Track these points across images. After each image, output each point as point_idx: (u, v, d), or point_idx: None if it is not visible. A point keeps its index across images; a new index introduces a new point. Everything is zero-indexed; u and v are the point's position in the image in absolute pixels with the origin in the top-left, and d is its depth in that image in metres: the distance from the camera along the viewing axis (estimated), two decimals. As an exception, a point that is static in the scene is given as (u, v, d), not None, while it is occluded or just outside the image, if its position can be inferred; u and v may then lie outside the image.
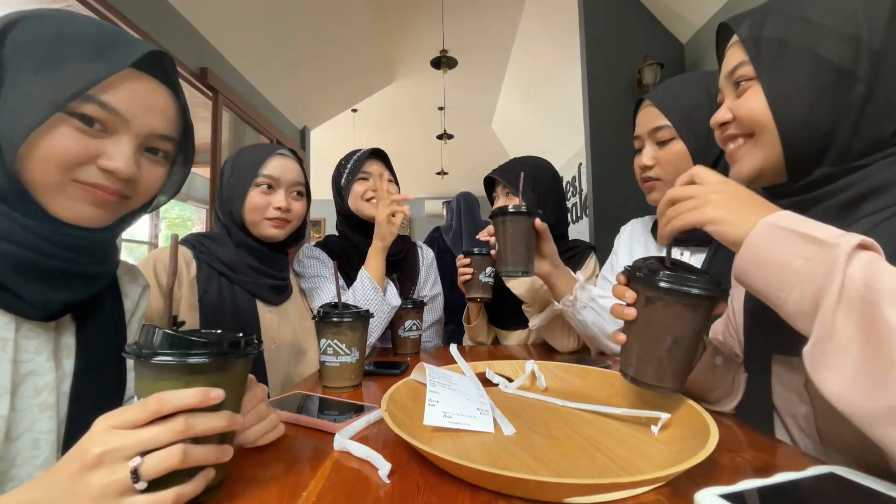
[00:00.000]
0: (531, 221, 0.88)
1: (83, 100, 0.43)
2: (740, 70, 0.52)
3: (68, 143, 0.44)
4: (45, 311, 0.46)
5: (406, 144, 6.24)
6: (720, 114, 0.56)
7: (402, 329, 1.04)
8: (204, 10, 2.54)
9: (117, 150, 0.46)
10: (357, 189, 1.15)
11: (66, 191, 0.46)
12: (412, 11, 3.72)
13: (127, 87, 0.46)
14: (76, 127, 0.44)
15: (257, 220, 0.92)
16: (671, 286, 0.47)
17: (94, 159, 0.46)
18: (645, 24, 2.63)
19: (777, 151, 0.50)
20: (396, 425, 0.45)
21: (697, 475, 0.38)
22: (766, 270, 0.40)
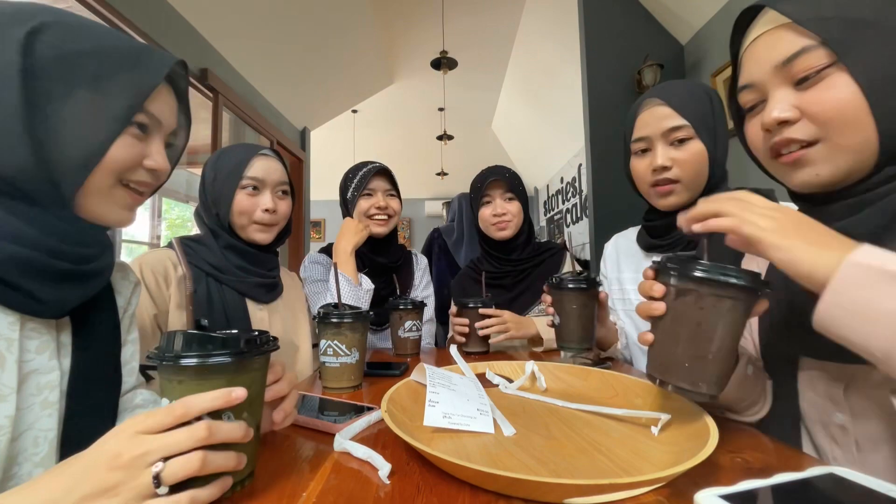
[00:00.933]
0: (596, 294, 0.83)
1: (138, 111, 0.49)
2: (808, 58, 0.43)
3: (129, 150, 0.49)
4: (61, 310, 0.48)
5: (406, 145, 6.25)
6: (777, 111, 0.45)
7: (402, 330, 1.05)
8: (204, 12, 2.54)
9: (156, 150, 0.53)
10: (362, 204, 1.23)
11: (113, 195, 0.50)
12: (412, 12, 3.72)
13: (159, 96, 0.52)
14: (134, 135, 0.50)
15: (245, 224, 0.91)
16: (707, 276, 0.42)
17: (141, 161, 0.52)
18: (645, 24, 2.63)
19: (868, 149, 0.43)
20: (396, 426, 0.45)
21: (697, 476, 0.38)
22: (863, 319, 0.34)
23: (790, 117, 0.45)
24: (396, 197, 1.27)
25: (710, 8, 2.28)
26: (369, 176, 1.21)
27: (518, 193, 1.24)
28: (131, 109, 0.48)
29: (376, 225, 1.22)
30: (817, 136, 0.45)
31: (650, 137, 0.82)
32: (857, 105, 0.41)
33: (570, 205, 5.02)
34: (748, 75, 0.49)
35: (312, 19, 3.24)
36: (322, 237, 7.30)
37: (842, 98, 0.42)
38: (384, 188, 1.24)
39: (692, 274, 0.43)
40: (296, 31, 3.24)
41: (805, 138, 0.45)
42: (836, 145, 0.44)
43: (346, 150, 6.05)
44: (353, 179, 1.24)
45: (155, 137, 0.53)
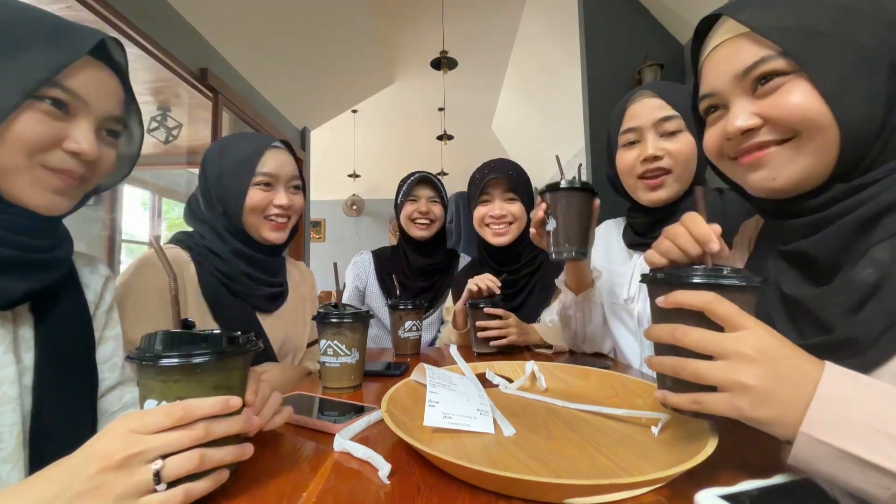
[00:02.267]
0: (590, 200, 0.79)
1: (50, 85, 0.45)
2: (766, 66, 0.44)
3: (37, 126, 0.45)
4: (5, 299, 0.47)
5: (406, 145, 6.24)
6: (739, 120, 0.46)
7: (402, 330, 1.05)
8: (204, 11, 2.54)
9: (81, 133, 0.49)
10: (407, 209, 1.33)
11: (32, 175, 0.47)
12: (412, 12, 3.72)
13: (84, 72, 0.48)
14: (45, 111, 0.46)
15: (257, 223, 0.87)
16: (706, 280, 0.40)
17: (59, 143, 0.48)
18: (645, 24, 2.63)
19: (827, 155, 0.43)
20: (396, 426, 0.45)
21: (697, 475, 0.38)
22: (833, 477, 0.33)
23: (753, 125, 0.46)
24: (440, 203, 1.36)
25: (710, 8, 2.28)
26: (413, 183, 1.33)
27: (522, 193, 1.14)
28: (37, 82, 0.44)
29: (417, 228, 1.32)
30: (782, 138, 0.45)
31: (640, 128, 0.81)
32: (820, 110, 0.42)
33: (570, 205, 5.02)
34: (709, 84, 0.49)
35: (312, 19, 3.24)
36: (322, 237, 7.30)
37: (802, 103, 0.42)
38: (427, 195, 1.34)
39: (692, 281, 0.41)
40: (296, 30, 3.24)
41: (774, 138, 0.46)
42: (801, 145, 0.44)
43: (346, 150, 6.04)
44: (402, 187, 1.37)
45: (80, 119, 0.49)
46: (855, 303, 0.41)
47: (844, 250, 0.43)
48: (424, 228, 1.32)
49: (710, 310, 0.38)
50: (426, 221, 1.32)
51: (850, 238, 0.43)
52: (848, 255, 0.43)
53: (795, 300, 0.47)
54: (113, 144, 0.55)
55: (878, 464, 0.30)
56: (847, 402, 0.33)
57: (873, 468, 0.30)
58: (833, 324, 0.43)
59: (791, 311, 0.48)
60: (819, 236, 0.45)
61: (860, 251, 0.42)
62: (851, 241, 0.43)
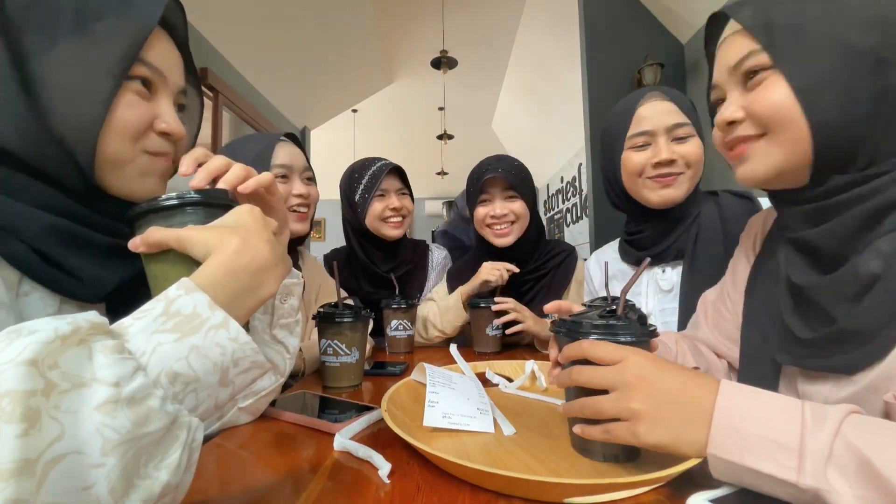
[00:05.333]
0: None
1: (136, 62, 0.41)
2: (751, 60, 0.46)
3: (136, 110, 0.42)
4: (100, 290, 0.42)
5: (406, 144, 6.24)
6: (728, 111, 0.49)
7: (389, 328, 1.06)
8: (204, 11, 2.54)
9: (166, 111, 0.45)
10: (376, 207, 1.13)
11: (138, 164, 0.43)
12: (412, 11, 3.72)
13: (157, 43, 0.44)
14: (136, 91, 0.42)
15: None
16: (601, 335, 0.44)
17: (151, 125, 0.44)
18: (645, 24, 2.63)
19: (801, 151, 0.44)
20: (396, 425, 0.45)
21: (697, 475, 0.38)
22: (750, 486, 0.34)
23: (737, 117, 0.48)
24: (408, 195, 1.19)
25: (711, 7, 2.28)
26: (381, 175, 1.11)
27: (523, 190, 1.08)
28: (127, 60, 0.40)
29: (391, 228, 1.14)
30: (759, 132, 0.47)
31: (653, 132, 0.80)
32: (791, 107, 0.43)
33: (570, 204, 5.02)
34: (714, 76, 0.53)
35: (312, 19, 3.24)
36: (322, 237, 7.30)
37: (776, 99, 0.44)
38: (396, 187, 1.15)
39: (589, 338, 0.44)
40: (296, 30, 3.24)
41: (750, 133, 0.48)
42: (772, 142, 0.46)
43: (347, 149, 6.04)
44: (360, 179, 1.14)
45: (162, 96, 0.45)
46: (857, 293, 0.42)
47: (849, 242, 0.44)
48: (398, 226, 1.15)
49: (586, 355, 0.42)
50: (399, 218, 1.15)
51: (856, 230, 0.43)
52: (852, 247, 0.43)
53: (801, 290, 0.47)
54: (184, 118, 0.50)
55: (771, 474, 0.31)
56: (742, 416, 0.34)
57: (771, 478, 0.32)
58: (836, 315, 0.43)
59: (798, 301, 0.49)
60: (825, 227, 0.45)
61: (864, 244, 0.42)
62: (857, 233, 0.43)
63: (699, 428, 0.36)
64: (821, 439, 0.31)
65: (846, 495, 0.29)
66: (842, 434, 0.31)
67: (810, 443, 0.31)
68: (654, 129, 0.80)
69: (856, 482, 0.29)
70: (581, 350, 0.43)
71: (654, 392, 0.38)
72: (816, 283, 0.46)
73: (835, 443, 0.30)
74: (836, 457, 0.30)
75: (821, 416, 0.32)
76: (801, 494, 0.31)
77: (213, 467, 0.44)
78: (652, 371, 0.39)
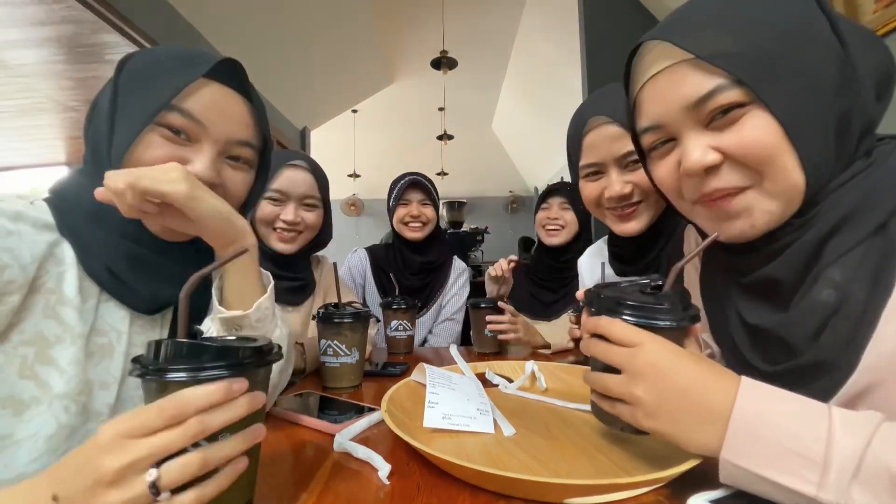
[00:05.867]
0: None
1: (168, 110, 0.47)
2: (721, 97, 0.39)
3: (157, 150, 0.47)
4: (152, 304, 0.50)
5: (406, 145, 6.24)
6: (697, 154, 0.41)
7: (389, 329, 1.08)
8: (204, 11, 2.54)
9: (199, 157, 0.50)
10: (399, 212, 1.36)
11: None
12: (412, 12, 3.72)
13: (203, 94, 0.49)
14: (164, 136, 0.48)
15: (266, 233, 0.92)
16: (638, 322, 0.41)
17: None
18: (645, 24, 2.63)
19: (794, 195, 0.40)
20: (396, 426, 0.45)
21: (697, 475, 0.38)
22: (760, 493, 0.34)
23: (714, 161, 0.41)
24: (431, 205, 1.37)
25: (710, 8, 2.28)
26: (404, 187, 1.35)
27: (575, 204, 1.32)
28: (157, 108, 0.46)
29: (410, 231, 1.35)
30: (747, 183, 0.41)
31: (602, 163, 0.73)
32: (781, 146, 0.39)
33: (570, 204, 5.02)
34: (653, 115, 0.45)
35: (312, 19, 3.24)
36: (322, 237, 7.29)
37: (764, 139, 0.39)
38: (419, 198, 1.36)
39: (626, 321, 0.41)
40: (296, 30, 3.24)
41: (735, 185, 0.42)
42: (765, 191, 0.41)
43: (347, 150, 6.04)
44: (394, 189, 1.39)
45: (203, 143, 0.50)
46: (818, 325, 0.41)
47: (801, 274, 0.42)
48: (417, 230, 1.36)
49: (605, 333, 0.41)
50: (418, 224, 1.36)
51: (805, 261, 0.42)
52: (803, 279, 0.42)
53: (759, 329, 0.46)
54: (240, 168, 0.54)
55: (791, 487, 0.31)
56: (763, 423, 0.33)
57: (789, 490, 0.31)
58: (798, 349, 0.42)
59: (755, 338, 0.48)
60: (775, 264, 0.44)
61: (815, 274, 0.41)
62: (806, 264, 0.42)
63: (708, 428, 0.35)
64: (848, 452, 0.30)
65: None
66: (872, 448, 0.29)
67: (837, 456, 0.30)
68: (602, 160, 0.72)
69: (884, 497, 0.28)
70: (598, 327, 0.42)
71: (663, 383, 0.37)
72: (775, 322, 0.44)
73: (865, 456, 0.29)
74: (865, 471, 0.29)
75: (850, 426, 0.31)
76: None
77: (213, 468, 0.44)
78: (667, 362, 0.38)
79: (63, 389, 0.43)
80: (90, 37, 2.19)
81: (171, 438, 0.29)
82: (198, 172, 0.48)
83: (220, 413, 0.31)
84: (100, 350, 0.47)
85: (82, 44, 2.26)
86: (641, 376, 0.38)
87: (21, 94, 2.83)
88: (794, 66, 0.39)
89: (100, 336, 0.47)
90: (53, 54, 2.37)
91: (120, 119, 0.47)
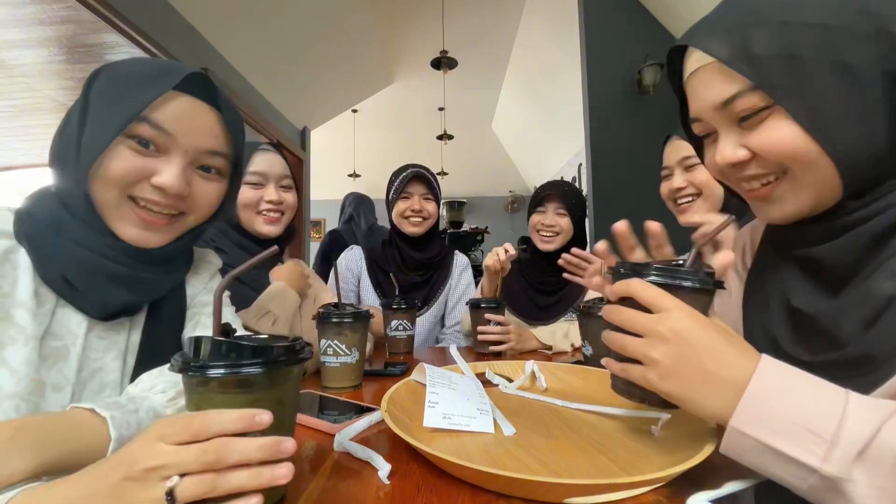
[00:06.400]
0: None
1: (138, 121, 0.48)
2: (745, 101, 0.41)
3: (125, 161, 0.48)
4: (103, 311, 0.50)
5: (406, 145, 6.24)
6: (728, 152, 0.44)
7: (388, 329, 1.07)
8: (204, 11, 2.54)
9: (166, 167, 0.50)
10: (400, 206, 1.30)
11: (119, 209, 0.50)
12: (412, 12, 3.72)
13: (173, 106, 0.50)
14: (132, 147, 0.49)
15: (250, 218, 0.92)
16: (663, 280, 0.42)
17: (147, 177, 0.50)
18: (645, 24, 2.63)
19: (830, 185, 0.41)
20: (396, 426, 0.45)
21: (697, 475, 0.38)
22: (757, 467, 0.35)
23: (742, 158, 0.44)
24: (433, 200, 1.33)
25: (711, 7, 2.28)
26: (406, 180, 1.29)
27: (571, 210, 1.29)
28: (125, 120, 0.47)
29: (410, 226, 1.31)
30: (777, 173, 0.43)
31: (670, 167, 0.97)
32: (805, 145, 0.40)
33: (570, 204, 5.02)
34: (694, 110, 0.48)
35: (312, 19, 3.24)
36: (322, 236, 7.30)
37: (786, 140, 0.40)
38: (421, 192, 1.31)
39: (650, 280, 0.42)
40: (296, 30, 3.24)
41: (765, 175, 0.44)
42: (796, 182, 0.42)
43: (347, 149, 6.04)
44: (394, 182, 1.33)
45: (172, 154, 0.51)
46: (870, 316, 0.40)
47: (858, 262, 0.42)
48: (418, 225, 1.31)
49: (633, 294, 0.41)
50: (419, 219, 1.31)
51: (866, 249, 0.41)
52: (861, 267, 0.42)
53: (804, 314, 0.45)
54: (211, 178, 0.55)
55: (796, 457, 0.31)
56: (778, 399, 0.33)
57: (792, 461, 0.31)
58: (845, 339, 0.41)
59: (798, 325, 0.47)
60: (834, 244, 0.43)
61: (875, 264, 0.41)
62: (867, 252, 0.41)
63: (721, 397, 0.35)
64: (857, 432, 0.30)
65: (863, 484, 0.29)
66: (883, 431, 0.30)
67: (846, 434, 0.30)
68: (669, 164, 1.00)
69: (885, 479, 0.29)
70: (628, 288, 0.42)
71: (683, 349, 0.37)
72: (824, 307, 0.44)
73: (874, 437, 0.30)
74: (871, 451, 0.29)
75: (865, 409, 0.31)
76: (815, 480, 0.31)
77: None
78: (691, 329, 0.38)
79: (14, 389, 0.43)
80: (90, 37, 2.19)
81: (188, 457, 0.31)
82: (165, 183, 0.49)
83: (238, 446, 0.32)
84: (54, 353, 0.47)
85: (82, 44, 2.27)
86: (662, 340, 0.38)
87: (21, 94, 2.83)
88: (826, 64, 0.38)
89: (55, 339, 0.48)
90: (53, 54, 2.37)
91: (89, 131, 0.48)
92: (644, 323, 0.40)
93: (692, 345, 0.37)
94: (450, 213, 5.73)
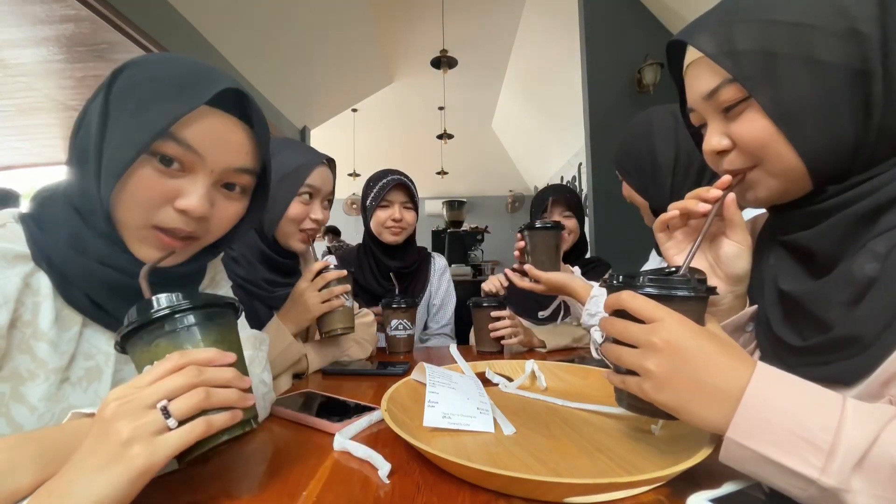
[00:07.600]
0: (560, 234, 0.94)
1: (164, 138, 0.44)
2: (725, 93, 0.45)
3: (149, 183, 0.45)
4: None
5: (406, 144, 6.24)
6: (713, 141, 0.48)
7: (389, 328, 1.07)
8: (204, 11, 2.54)
9: (192, 188, 0.46)
10: (379, 215, 1.27)
11: (140, 233, 0.46)
12: (412, 11, 3.72)
13: (203, 123, 0.46)
14: (156, 168, 0.45)
15: (291, 232, 0.88)
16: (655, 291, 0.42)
17: (171, 200, 0.46)
18: (645, 24, 2.63)
19: (796, 175, 0.44)
20: (396, 425, 0.45)
21: (697, 475, 0.38)
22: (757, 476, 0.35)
23: (725, 147, 0.47)
24: (413, 209, 1.31)
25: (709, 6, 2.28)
26: (387, 188, 1.26)
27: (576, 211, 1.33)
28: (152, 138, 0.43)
29: (389, 234, 1.28)
30: (752, 164, 0.46)
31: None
32: (774, 137, 0.43)
33: (569, 204, 5.02)
34: (690, 101, 0.51)
35: (312, 18, 3.24)
36: (322, 236, 7.30)
37: (758, 131, 0.43)
38: (401, 200, 1.28)
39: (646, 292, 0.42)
40: (296, 30, 3.24)
41: (741, 167, 0.47)
42: (766, 172, 0.45)
43: (347, 149, 6.04)
44: (373, 188, 1.29)
45: (197, 173, 0.46)
46: (854, 297, 0.41)
47: (842, 245, 0.43)
48: (397, 234, 1.28)
49: (624, 306, 0.42)
50: (398, 229, 1.28)
51: (849, 232, 0.42)
52: (845, 250, 0.43)
53: (792, 297, 0.46)
54: (233, 198, 0.51)
55: (794, 469, 0.31)
56: (775, 407, 0.33)
57: (791, 472, 0.31)
58: (831, 321, 0.42)
59: (788, 309, 0.48)
60: (818, 229, 0.44)
61: (857, 246, 0.41)
62: (850, 235, 0.42)
63: (716, 407, 0.35)
64: (855, 442, 0.30)
65: (862, 493, 0.29)
66: (880, 440, 0.30)
67: (843, 444, 0.30)
68: None
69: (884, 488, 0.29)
70: (619, 301, 0.42)
71: (677, 359, 0.37)
72: (809, 289, 0.45)
73: (872, 447, 0.30)
74: (869, 461, 0.29)
75: (862, 417, 0.31)
76: (814, 490, 0.31)
77: (214, 467, 0.44)
78: (684, 339, 0.38)
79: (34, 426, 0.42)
80: (90, 36, 2.19)
81: (175, 380, 0.35)
82: (190, 206, 0.46)
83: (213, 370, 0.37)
84: (88, 374, 0.46)
85: (82, 43, 2.26)
86: (655, 351, 0.38)
87: (20, 94, 2.83)
88: (798, 60, 0.41)
89: (87, 359, 0.47)
90: (53, 53, 2.37)
91: (111, 143, 0.44)
92: (637, 334, 0.40)
93: (684, 354, 0.37)
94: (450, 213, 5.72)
